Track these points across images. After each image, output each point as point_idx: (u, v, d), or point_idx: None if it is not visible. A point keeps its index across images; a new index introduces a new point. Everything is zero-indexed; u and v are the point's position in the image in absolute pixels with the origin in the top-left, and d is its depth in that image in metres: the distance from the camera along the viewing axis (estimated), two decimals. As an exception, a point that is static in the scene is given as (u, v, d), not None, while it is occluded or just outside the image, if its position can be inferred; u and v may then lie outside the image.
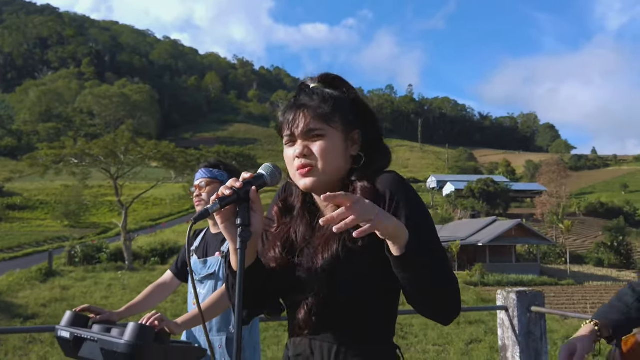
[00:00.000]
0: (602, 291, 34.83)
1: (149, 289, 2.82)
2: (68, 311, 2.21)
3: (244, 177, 1.28)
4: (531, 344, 3.38)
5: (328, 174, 1.36)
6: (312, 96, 1.40)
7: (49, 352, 13.01)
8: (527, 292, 3.46)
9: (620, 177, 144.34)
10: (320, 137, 1.37)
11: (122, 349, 1.85)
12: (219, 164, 2.86)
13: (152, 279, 26.71)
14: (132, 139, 36.78)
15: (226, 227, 1.28)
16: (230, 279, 1.38)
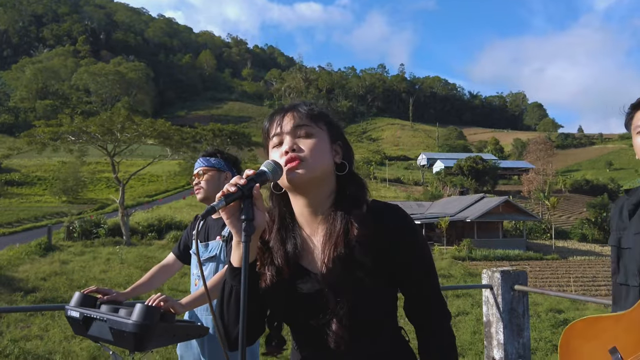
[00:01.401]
0: (585, 265, 35.28)
1: (153, 270, 2.93)
2: (77, 292, 2.29)
3: (247, 175, 1.31)
4: (514, 320, 3.50)
5: (316, 170, 1.36)
6: (298, 104, 1.45)
7: (49, 324, 13.09)
8: (510, 271, 3.57)
9: (606, 155, 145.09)
10: (309, 135, 1.39)
11: (131, 329, 1.93)
12: (216, 152, 2.95)
13: (149, 254, 26.81)
14: (129, 116, 36.49)
15: (231, 222, 1.30)
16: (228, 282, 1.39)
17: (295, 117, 1.40)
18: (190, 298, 2.46)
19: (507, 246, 41.53)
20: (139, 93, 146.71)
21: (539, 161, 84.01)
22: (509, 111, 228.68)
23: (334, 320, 1.34)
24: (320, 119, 1.42)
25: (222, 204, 1.24)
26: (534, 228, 52.42)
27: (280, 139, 1.41)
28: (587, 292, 25.86)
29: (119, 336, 1.97)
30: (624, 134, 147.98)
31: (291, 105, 1.45)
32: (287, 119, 1.40)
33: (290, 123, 1.40)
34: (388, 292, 1.40)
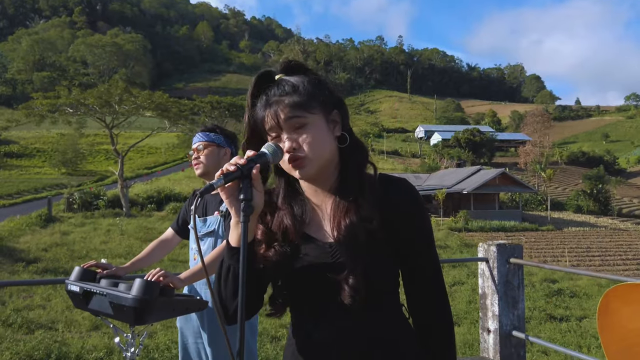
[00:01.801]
0: (579, 236, 35.51)
1: (152, 245, 2.93)
2: (77, 267, 2.29)
3: (247, 155, 1.29)
4: (509, 292, 3.53)
5: (320, 162, 1.35)
6: (283, 89, 1.37)
7: (51, 294, 13.20)
8: (506, 244, 3.58)
9: (602, 127, 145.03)
10: (303, 126, 1.35)
11: (130, 303, 1.94)
12: (215, 127, 2.93)
13: (149, 225, 26.90)
14: (126, 89, 36.16)
15: (230, 201, 1.30)
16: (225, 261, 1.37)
17: (285, 109, 1.34)
18: (189, 273, 2.47)
19: (503, 217, 41.71)
20: (137, 65, 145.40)
21: (536, 133, 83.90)
22: (507, 83, 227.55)
23: (346, 289, 1.32)
24: (310, 100, 1.36)
25: (221, 183, 1.23)
26: (530, 199, 52.62)
27: (276, 132, 1.37)
28: (581, 263, 26.09)
29: (119, 310, 1.98)
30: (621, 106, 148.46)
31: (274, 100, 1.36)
32: (278, 111, 1.35)
33: (282, 115, 1.35)
34: (391, 264, 1.40)
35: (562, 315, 12.81)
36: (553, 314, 12.61)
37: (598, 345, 10.42)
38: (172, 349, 6.95)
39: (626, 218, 51.74)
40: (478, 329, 10.20)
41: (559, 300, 14.75)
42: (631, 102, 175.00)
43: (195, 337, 2.82)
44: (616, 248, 31.12)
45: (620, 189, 72.74)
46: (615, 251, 30.06)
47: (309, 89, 1.37)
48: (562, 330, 11.53)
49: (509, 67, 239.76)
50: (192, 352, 2.83)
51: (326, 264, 1.36)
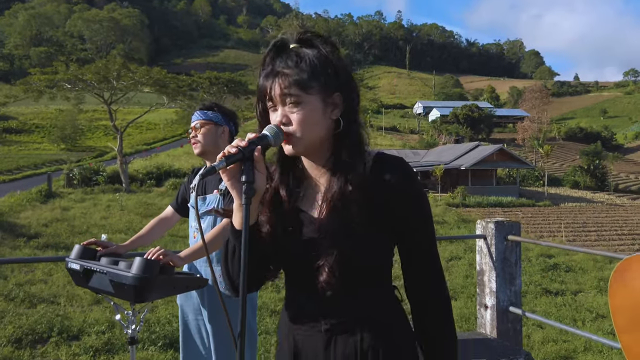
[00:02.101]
0: (576, 212, 35.66)
1: (152, 223, 2.94)
2: (77, 245, 2.29)
3: (249, 137, 1.29)
4: (506, 269, 3.55)
5: (308, 141, 1.34)
6: (288, 61, 1.34)
7: (53, 269, 13.26)
8: (504, 222, 3.59)
9: (601, 103, 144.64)
10: (297, 104, 1.33)
11: (131, 281, 1.95)
12: (213, 106, 2.90)
13: (148, 201, 26.93)
14: (124, 64, 35.91)
15: (232, 184, 1.29)
16: (231, 241, 1.38)
17: (283, 85, 1.32)
18: (189, 251, 2.47)
19: (500, 193, 41.81)
20: (134, 40, 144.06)
21: (535, 109, 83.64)
22: (506, 59, 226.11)
23: (325, 266, 1.33)
24: (311, 80, 1.33)
25: (223, 165, 1.23)
26: (527, 175, 52.68)
27: (272, 103, 1.37)
28: (577, 238, 26.24)
29: (119, 288, 1.99)
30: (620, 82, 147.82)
31: (277, 70, 1.34)
32: (274, 87, 1.34)
33: (278, 89, 1.33)
34: (384, 243, 1.39)
35: (557, 289, 12.92)
36: (549, 288, 12.72)
37: (592, 319, 10.53)
38: (173, 322, 7.01)
39: (622, 193, 51.90)
40: (475, 304, 10.30)
41: (555, 274, 14.87)
42: (630, 78, 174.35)
43: (195, 313, 2.83)
44: (612, 223, 31.28)
45: (617, 165, 72.85)
46: (611, 226, 30.22)
47: (313, 67, 1.33)
48: (558, 304, 11.65)
49: (508, 42, 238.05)
50: (192, 329, 2.85)
51: (313, 239, 1.36)
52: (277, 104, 1.35)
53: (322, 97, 1.34)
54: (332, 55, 1.37)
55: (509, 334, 3.40)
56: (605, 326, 9.91)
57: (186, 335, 2.86)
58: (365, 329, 1.36)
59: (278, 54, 1.37)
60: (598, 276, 14.10)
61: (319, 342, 1.38)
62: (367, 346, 1.35)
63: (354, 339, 1.36)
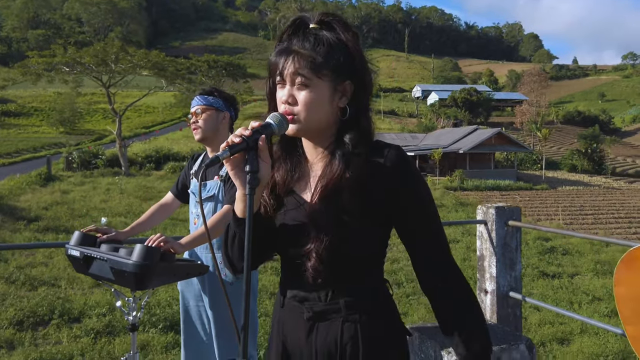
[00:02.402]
0: (573, 195, 35.69)
1: (152, 209, 2.90)
2: (76, 231, 2.27)
3: (252, 126, 1.26)
4: (507, 254, 3.54)
5: (310, 124, 1.32)
6: (304, 42, 1.31)
7: (53, 252, 13.27)
8: (505, 207, 3.57)
9: (599, 86, 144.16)
10: (306, 86, 1.31)
11: (131, 269, 1.93)
12: (213, 90, 2.85)
13: (147, 184, 26.88)
14: (122, 47, 35.70)
15: (235, 173, 1.27)
16: (232, 227, 1.36)
17: (295, 64, 1.30)
18: (190, 238, 2.44)
19: (498, 177, 41.80)
20: (132, 23, 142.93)
21: (533, 93, 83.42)
22: (505, 42, 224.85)
23: (312, 252, 1.31)
24: (325, 64, 1.30)
25: (227, 155, 1.21)
26: (525, 159, 52.66)
27: (281, 80, 1.34)
28: (574, 222, 26.30)
29: (120, 275, 1.97)
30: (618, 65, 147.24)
31: (293, 49, 1.32)
32: (287, 65, 1.31)
33: (291, 68, 1.31)
34: (375, 234, 1.35)
35: (554, 272, 12.97)
36: (546, 271, 12.76)
37: (589, 302, 10.58)
38: (173, 305, 7.03)
39: (619, 177, 51.94)
40: (473, 287, 10.34)
41: (552, 257, 14.90)
42: (628, 62, 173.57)
43: (196, 300, 2.82)
44: (609, 207, 31.33)
45: (615, 148, 72.85)
46: (608, 210, 30.27)
47: (328, 51, 1.31)
48: (555, 287, 11.69)
49: (507, 25, 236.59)
50: (193, 315, 2.84)
51: (303, 224, 1.35)
52: (286, 82, 1.33)
53: (333, 83, 1.32)
54: (350, 42, 1.35)
55: (509, 319, 3.40)
56: (601, 308, 9.97)
57: (187, 322, 2.85)
58: (348, 319, 1.34)
59: (296, 32, 1.36)
60: (595, 259, 14.15)
61: (301, 328, 1.38)
62: (348, 337, 1.33)
63: (335, 329, 1.34)
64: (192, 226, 2.80)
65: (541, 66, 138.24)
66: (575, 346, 7.06)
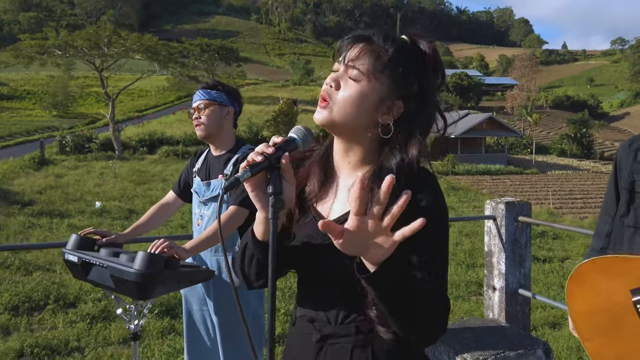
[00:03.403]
0: (562, 179, 35.83)
1: (153, 209, 2.74)
2: (73, 234, 2.12)
3: (274, 142, 1.13)
4: (516, 251, 3.43)
5: (341, 122, 1.17)
6: (385, 41, 1.18)
7: (48, 237, 13.16)
8: (515, 202, 3.46)
9: (588, 71, 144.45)
10: (356, 79, 1.17)
11: (134, 278, 1.79)
12: (217, 84, 2.67)
13: (141, 168, 26.72)
14: (115, 30, 35.29)
15: (256, 195, 1.14)
16: (250, 248, 1.23)
17: (360, 52, 1.17)
18: (195, 242, 2.29)
19: (488, 161, 41.90)
20: (124, 6, 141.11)
21: (524, 77, 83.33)
22: (496, 27, 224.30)
23: (330, 275, 1.20)
24: (385, 68, 1.16)
25: (248, 175, 1.08)
26: (515, 143, 52.79)
27: (338, 63, 1.21)
28: (563, 205, 26.41)
29: (121, 284, 1.83)
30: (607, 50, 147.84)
31: (365, 36, 1.19)
32: (353, 50, 1.18)
33: (352, 55, 1.18)
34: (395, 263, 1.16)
35: (545, 256, 13.01)
36: (537, 255, 12.79)
37: (579, 286, 10.62)
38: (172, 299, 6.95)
39: (608, 161, 52.16)
40: (464, 272, 10.33)
41: (542, 242, 14.95)
42: (617, 47, 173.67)
43: (200, 304, 2.68)
44: (598, 191, 31.49)
45: (603, 133, 73.15)
46: (597, 194, 30.42)
47: (395, 59, 1.17)
48: (545, 271, 11.73)
49: (498, 10, 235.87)
50: (197, 319, 2.71)
51: (325, 244, 1.17)
52: (341, 66, 1.20)
53: (382, 92, 1.18)
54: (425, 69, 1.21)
55: (518, 316, 3.32)
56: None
57: (190, 326, 2.72)
58: (358, 345, 1.20)
59: (381, 29, 1.23)
60: (585, 243, 14.19)
61: (310, 350, 1.26)
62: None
63: (344, 354, 1.21)
64: (195, 227, 2.66)
65: (531, 51, 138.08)
66: (567, 330, 7.07)
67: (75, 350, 5.51)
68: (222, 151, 2.66)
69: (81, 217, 15.75)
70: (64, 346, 5.57)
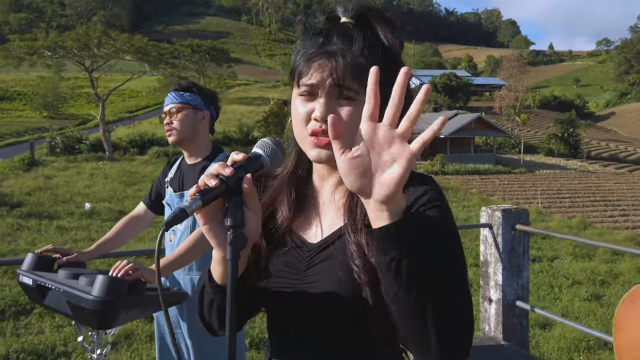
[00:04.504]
0: (550, 179, 35.88)
1: (121, 223, 2.47)
2: (30, 253, 1.87)
3: (234, 159, 0.90)
4: (513, 261, 3.23)
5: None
6: (351, 41, 0.95)
7: (36, 238, 12.95)
8: (512, 209, 3.25)
9: (574, 71, 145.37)
10: (350, 99, 0.94)
11: (91, 306, 1.55)
12: (191, 86, 2.43)
13: (132, 169, 26.45)
14: (105, 31, 34.99)
15: (210, 228, 0.89)
16: (208, 293, 1.00)
17: (341, 70, 0.93)
18: (165, 262, 2.04)
19: (477, 160, 41.94)
20: (115, 7, 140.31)
21: (511, 78, 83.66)
22: (484, 28, 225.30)
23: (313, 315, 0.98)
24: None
25: (198, 205, 0.84)
26: (504, 143, 52.90)
27: (312, 91, 0.96)
28: (552, 205, 26.40)
29: (79, 311, 1.59)
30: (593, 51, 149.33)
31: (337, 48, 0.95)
32: (328, 69, 0.94)
33: (331, 77, 0.93)
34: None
35: (534, 256, 12.97)
36: (526, 255, 12.75)
37: (569, 285, 10.57)
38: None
39: (594, 160, 52.42)
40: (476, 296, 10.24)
41: (532, 241, 14.89)
42: (602, 47, 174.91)
43: (173, 327, 2.40)
44: (585, 190, 31.55)
45: (589, 132, 73.54)
46: (584, 193, 30.47)
47: (380, 57, 0.95)
48: (535, 270, 11.68)
49: (486, 11, 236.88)
50: (170, 343, 2.47)
51: (294, 280, 0.99)
52: (319, 94, 0.95)
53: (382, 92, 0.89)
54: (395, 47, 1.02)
55: (515, 330, 3.13)
56: (581, 292, 9.98)
57: (163, 350, 2.49)
58: None
59: (333, 29, 0.98)
60: (573, 243, 14.16)
61: None
62: None
63: None
64: (168, 243, 2.43)
65: (519, 52, 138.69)
66: (557, 331, 7.00)
67: (62, 355, 5.43)
68: (197, 159, 2.43)
69: (70, 219, 15.54)
70: (51, 351, 5.50)
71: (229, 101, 56.76)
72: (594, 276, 11.39)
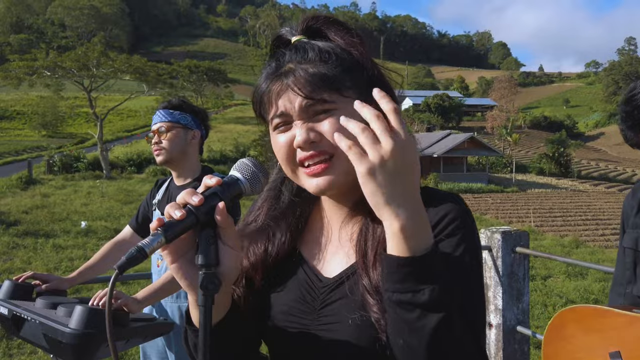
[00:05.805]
0: (542, 198, 35.92)
1: (105, 248, 2.30)
2: (7, 280, 1.73)
3: (206, 185, 0.76)
4: (514, 284, 3.11)
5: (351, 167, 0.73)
6: (304, 53, 0.86)
7: (32, 257, 12.78)
8: (512, 232, 3.11)
9: (563, 92, 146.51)
10: (328, 112, 0.83)
11: (69, 340, 1.40)
12: (181, 104, 2.30)
13: (129, 187, 26.31)
14: (104, 52, 35.15)
15: (180, 267, 0.75)
16: (190, 337, 0.88)
17: (306, 85, 0.83)
18: (149, 291, 1.87)
19: (470, 180, 41.99)
20: (115, 28, 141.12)
21: (503, 99, 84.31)
22: (475, 50, 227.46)
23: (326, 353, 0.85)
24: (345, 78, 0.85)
25: (160, 241, 0.70)
26: (496, 162, 53.07)
27: (284, 119, 0.86)
28: (544, 223, 26.39)
29: (55, 345, 1.43)
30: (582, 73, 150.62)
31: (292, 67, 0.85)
32: (291, 90, 0.84)
33: (299, 98, 0.83)
34: None
35: (528, 275, 12.79)
36: (520, 274, 12.65)
37: (562, 304, 10.47)
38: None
39: (585, 180, 52.56)
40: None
41: (525, 260, 14.83)
42: (591, 69, 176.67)
43: (160, 357, 2.28)
44: (577, 209, 31.57)
45: (579, 152, 73.91)
46: (576, 212, 30.49)
47: (343, 60, 0.86)
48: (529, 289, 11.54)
49: (477, 34, 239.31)
50: None
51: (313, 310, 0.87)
52: (292, 117, 0.85)
53: (361, 95, 0.84)
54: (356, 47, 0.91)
55: (516, 356, 3.02)
56: (575, 311, 9.85)
57: None
58: None
59: (283, 52, 0.88)
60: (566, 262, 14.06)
61: None
62: None
63: None
64: (155, 269, 2.29)
65: (509, 73, 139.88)
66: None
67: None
68: (186, 180, 2.28)
69: (66, 237, 15.37)
70: (42, 372, 5.34)
71: (225, 120, 56.83)
72: (588, 295, 11.29)
